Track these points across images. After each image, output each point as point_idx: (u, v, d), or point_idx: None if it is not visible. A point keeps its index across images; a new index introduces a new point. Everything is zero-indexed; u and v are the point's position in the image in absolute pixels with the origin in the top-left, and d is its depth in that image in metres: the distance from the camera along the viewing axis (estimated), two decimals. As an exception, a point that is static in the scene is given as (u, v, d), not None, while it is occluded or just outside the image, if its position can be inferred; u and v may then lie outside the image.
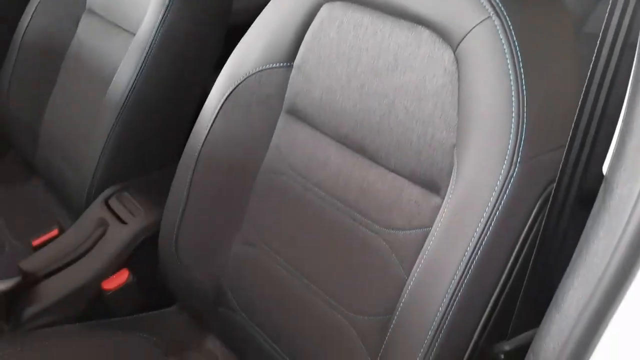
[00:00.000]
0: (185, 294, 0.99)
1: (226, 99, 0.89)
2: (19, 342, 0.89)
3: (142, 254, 1.02)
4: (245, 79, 0.88)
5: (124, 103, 1.11)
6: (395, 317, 0.66)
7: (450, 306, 0.61)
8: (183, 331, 1.01)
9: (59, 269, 1.00)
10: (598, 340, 0.44)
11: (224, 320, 0.95)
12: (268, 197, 0.88)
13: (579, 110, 0.55)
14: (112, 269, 0.99)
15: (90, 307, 0.99)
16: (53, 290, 0.97)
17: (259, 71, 0.88)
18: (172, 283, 0.99)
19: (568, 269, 0.48)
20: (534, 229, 0.62)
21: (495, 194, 0.60)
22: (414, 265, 0.67)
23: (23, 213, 1.25)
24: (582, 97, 0.54)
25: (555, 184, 0.60)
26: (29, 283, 0.97)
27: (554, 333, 0.46)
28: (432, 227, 0.66)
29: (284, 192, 0.86)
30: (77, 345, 0.91)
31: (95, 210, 1.08)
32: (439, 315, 0.61)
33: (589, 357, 0.44)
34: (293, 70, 0.85)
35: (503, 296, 0.63)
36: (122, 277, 0.99)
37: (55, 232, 1.10)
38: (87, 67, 1.25)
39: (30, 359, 0.86)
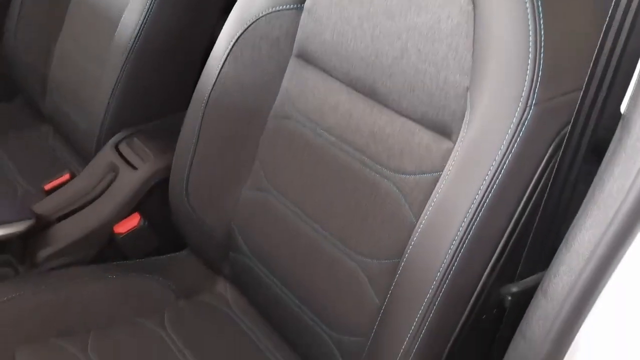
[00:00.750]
0: (196, 239, 1.00)
1: (235, 42, 0.88)
2: (35, 282, 0.91)
3: (153, 199, 1.03)
4: (255, 21, 0.86)
5: (131, 47, 1.10)
6: (404, 260, 0.67)
7: (458, 249, 0.62)
8: (194, 275, 1.03)
9: (71, 213, 1.02)
10: (608, 279, 0.44)
11: (234, 265, 0.96)
12: (277, 141, 0.88)
13: (598, 49, 0.53)
14: (123, 213, 1.01)
15: (103, 250, 1.01)
16: (66, 233, 0.99)
17: (268, 13, 0.86)
18: (183, 227, 1.00)
19: (580, 209, 0.47)
20: (546, 174, 0.62)
21: (508, 138, 0.59)
22: (423, 209, 0.67)
23: (34, 158, 1.26)
24: (602, 35, 0.52)
25: (569, 128, 0.59)
26: (42, 226, 0.99)
27: (563, 272, 0.46)
28: (442, 171, 0.66)
29: (294, 137, 0.85)
30: (90, 285, 0.93)
31: (106, 156, 1.08)
32: (448, 258, 0.61)
33: (599, 296, 0.44)
34: (303, 13, 0.83)
35: (512, 240, 0.63)
36: (133, 221, 1.01)
37: (66, 176, 1.10)
38: (93, 11, 1.23)
39: (46, 298, 0.88)
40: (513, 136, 0.59)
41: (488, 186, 0.60)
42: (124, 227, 1.00)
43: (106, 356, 0.81)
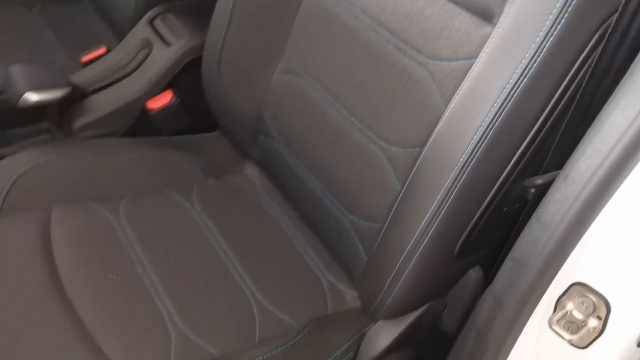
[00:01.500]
0: (227, 120, 1.01)
1: None
2: (71, 148, 0.94)
3: (186, 77, 1.03)
4: None
5: None
6: (427, 146, 0.66)
7: (483, 137, 0.60)
8: (224, 156, 1.05)
9: (107, 86, 1.03)
10: (635, 164, 0.42)
11: (263, 148, 0.98)
12: (312, 23, 0.86)
13: None
14: (156, 89, 1.02)
15: (136, 124, 1.03)
16: (100, 104, 1.01)
17: None
18: (214, 108, 1.01)
19: (615, 91, 0.45)
20: (585, 66, 0.59)
21: (549, 22, 0.56)
22: (453, 96, 0.65)
23: (74, 31, 1.26)
24: None
25: (617, 15, 0.55)
26: (79, 96, 1.01)
27: (590, 154, 0.45)
28: (477, 58, 0.63)
29: (329, 19, 0.82)
30: (123, 155, 0.96)
31: (140, 31, 1.08)
32: (471, 145, 0.60)
33: (623, 182, 0.43)
34: None
35: (542, 132, 0.61)
36: (166, 98, 1.02)
37: (103, 49, 1.11)
38: None
39: (81, 164, 0.92)
40: (555, 21, 0.56)
41: (522, 73, 0.57)
42: (157, 103, 1.01)
43: (136, 221, 0.85)
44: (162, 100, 1.01)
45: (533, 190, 0.63)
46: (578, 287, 0.52)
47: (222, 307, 0.79)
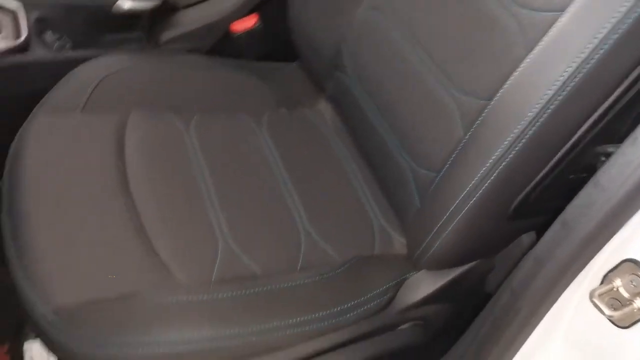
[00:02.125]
0: (307, 50, 1.01)
1: None
2: (155, 59, 0.98)
3: (273, 3, 1.03)
4: None
5: None
6: (497, 97, 0.63)
7: (559, 93, 0.56)
8: (299, 87, 1.06)
9: (196, 3, 1.05)
10: None
11: (337, 84, 0.97)
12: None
13: None
14: (242, 12, 1.03)
15: (219, 44, 1.05)
16: (189, 20, 1.04)
17: None
18: (296, 37, 1.00)
19: None
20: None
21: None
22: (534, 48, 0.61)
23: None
24: None
25: None
26: (170, 9, 1.04)
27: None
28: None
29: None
30: (202, 73, 0.98)
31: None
32: (544, 99, 0.57)
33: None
34: None
35: (624, 98, 0.56)
36: (250, 21, 1.03)
37: (198, -33, 1.13)
38: None
39: (162, 75, 0.95)
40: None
41: (611, 29, 0.53)
42: (241, 26, 1.03)
43: (204, 136, 0.88)
44: (247, 24, 1.03)
45: (603, 159, 0.59)
46: (630, 265, 0.49)
47: (271, 229, 0.81)
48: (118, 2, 0.94)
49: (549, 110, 0.57)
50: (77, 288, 0.67)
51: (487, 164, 0.62)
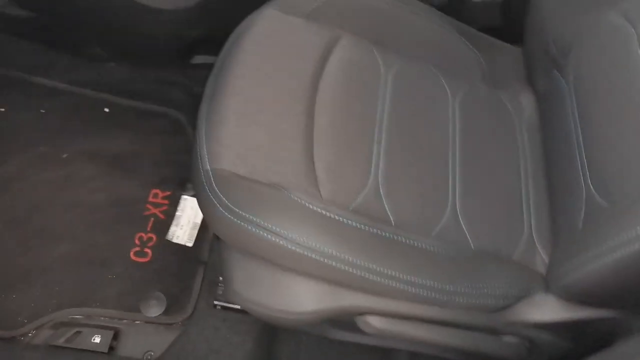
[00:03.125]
0: (533, 38, 0.96)
1: None
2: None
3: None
4: None
5: None
6: None
7: None
8: (511, 72, 1.02)
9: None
10: None
11: (550, 84, 0.91)
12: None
13: None
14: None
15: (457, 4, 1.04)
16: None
17: None
18: (529, 20, 0.96)
19: None
20: None
21: None
22: None
23: None
24: None
25: None
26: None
27: None
28: None
29: None
30: (427, 23, 0.98)
31: None
32: None
33: None
34: None
35: None
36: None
37: None
38: None
39: (384, 11, 0.97)
40: None
41: None
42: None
43: (399, 84, 0.90)
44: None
45: None
46: None
47: (421, 188, 0.81)
48: None
49: None
50: (241, 162, 0.74)
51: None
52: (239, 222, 0.70)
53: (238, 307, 0.94)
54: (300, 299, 0.73)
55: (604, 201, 0.70)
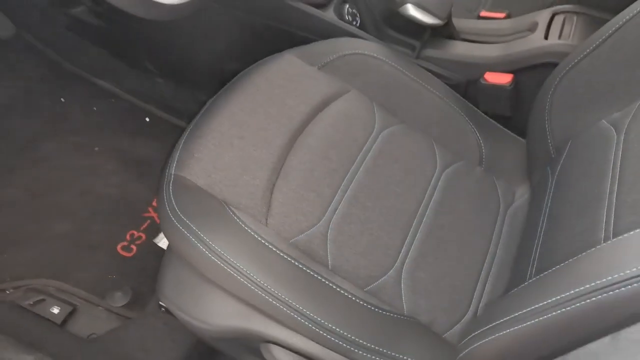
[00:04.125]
0: (534, 136, 0.97)
1: None
2: (405, 61, 1.05)
3: (534, 74, 1.00)
4: None
5: None
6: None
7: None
8: (510, 160, 1.02)
9: (471, 40, 1.09)
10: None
11: (542, 179, 0.91)
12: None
13: None
14: (502, 67, 1.02)
15: (465, 87, 1.07)
16: (454, 50, 1.08)
17: None
18: (532, 119, 0.97)
19: None
20: None
21: None
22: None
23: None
24: None
25: None
26: (446, 33, 1.09)
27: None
28: None
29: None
30: (432, 95, 1.01)
31: (540, 15, 1.07)
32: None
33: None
34: None
35: None
36: (504, 78, 1.02)
37: (502, 15, 1.15)
38: None
39: (399, 78, 1.02)
40: None
41: None
42: (493, 78, 1.02)
43: (390, 144, 0.93)
44: (500, 79, 1.02)
45: None
46: None
47: (372, 240, 0.82)
48: (406, 5, 1.04)
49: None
50: (204, 174, 0.80)
51: (549, 300, 0.54)
52: (178, 225, 0.76)
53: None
54: (215, 311, 0.76)
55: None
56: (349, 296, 0.77)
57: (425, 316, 0.80)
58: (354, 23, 1.16)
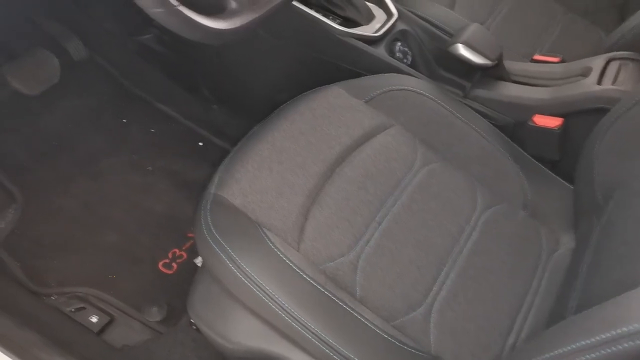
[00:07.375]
0: (582, 180, 0.93)
1: None
2: (450, 101, 1.05)
3: (587, 119, 0.97)
4: None
5: None
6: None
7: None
8: (555, 209, 0.99)
9: (522, 83, 1.08)
10: None
11: (588, 227, 0.88)
12: None
13: None
14: (553, 110, 1.00)
15: (513, 128, 1.05)
16: (504, 91, 1.07)
17: None
18: (580, 166, 0.94)
19: None
20: None
21: None
22: None
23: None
24: None
25: None
26: (496, 74, 1.09)
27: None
28: None
29: None
30: (479, 135, 1.01)
31: (594, 60, 1.05)
32: None
33: None
34: None
35: None
36: (554, 122, 1.00)
37: (557, 59, 1.14)
38: None
39: (444, 115, 1.02)
40: None
41: None
42: (542, 121, 1.00)
43: (427, 183, 0.92)
44: (549, 122, 1.00)
45: None
46: None
47: (403, 274, 0.81)
48: (456, 45, 1.05)
49: None
50: (241, 195, 0.83)
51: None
52: (211, 242, 0.78)
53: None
54: (238, 330, 0.77)
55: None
56: (373, 328, 0.76)
57: (451, 356, 0.78)
58: (405, 61, 1.17)
